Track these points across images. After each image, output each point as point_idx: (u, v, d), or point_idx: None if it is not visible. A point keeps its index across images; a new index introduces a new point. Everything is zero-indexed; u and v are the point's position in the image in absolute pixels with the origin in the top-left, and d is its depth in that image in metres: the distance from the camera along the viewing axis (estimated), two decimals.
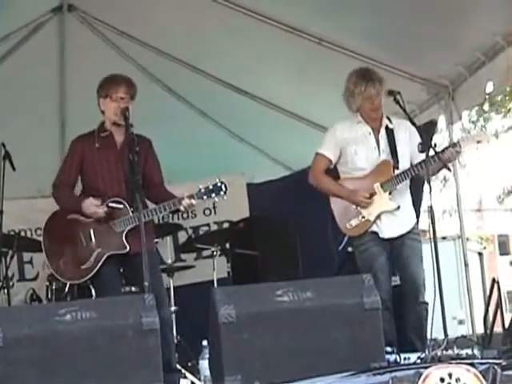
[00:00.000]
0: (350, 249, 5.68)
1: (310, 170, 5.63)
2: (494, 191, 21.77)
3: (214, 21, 6.58)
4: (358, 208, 5.40)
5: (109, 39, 7.18)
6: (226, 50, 6.92)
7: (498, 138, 16.62)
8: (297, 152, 8.06)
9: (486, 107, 15.48)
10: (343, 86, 5.51)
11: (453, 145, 5.32)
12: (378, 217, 5.39)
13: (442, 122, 6.94)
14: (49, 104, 7.70)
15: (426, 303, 5.27)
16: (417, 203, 6.19)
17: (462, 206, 7.14)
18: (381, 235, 5.40)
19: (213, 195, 5.19)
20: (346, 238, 5.51)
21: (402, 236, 5.40)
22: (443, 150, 5.21)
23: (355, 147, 5.46)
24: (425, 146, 5.02)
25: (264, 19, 6.35)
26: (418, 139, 5.22)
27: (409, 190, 5.56)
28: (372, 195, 5.40)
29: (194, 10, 6.51)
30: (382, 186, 5.39)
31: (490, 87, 6.12)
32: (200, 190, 5.20)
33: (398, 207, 5.40)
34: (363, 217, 5.40)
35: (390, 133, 5.48)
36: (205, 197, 5.20)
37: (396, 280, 5.56)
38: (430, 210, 4.86)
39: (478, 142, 5.40)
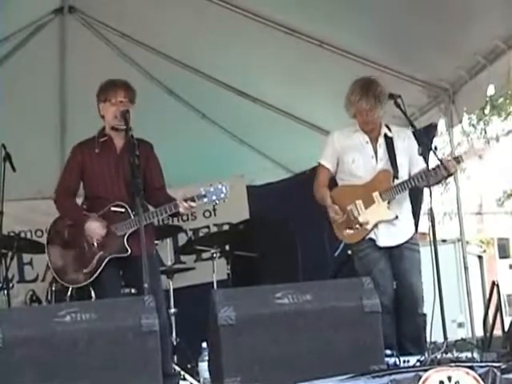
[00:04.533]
0: (349, 251, 5.67)
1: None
2: (494, 194, 21.76)
3: (215, 23, 6.58)
4: (356, 216, 5.39)
5: (110, 41, 7.18)
6: (226, 52, 6.92)
7: (498, 142, 16.62)
8: (297, 155, 8.06)
9: (487, 110, 15.48)
10: (344, 88, 5.51)
11: (455, 158, 5.31)
12: (376, 226, 5.38)
13: (442, 125, 6.94)
14: (49, 105, 7.69)
15: (425, 315, 5.25)
16: (417, 207, 6.19)
17: (462, 209, 7.13)
18: (378, 243, 5.38)
19: (214, 197, 5.20)
20: (341, 245, 5.50)
21: (399, 246, 5.39)
22: (444, 164, 5.17)
23: (352, 156, 5.45)
24: (424, 149, 5.01)
25: (265, 22, 6.34)
26: (416, 148, 5.24)
27: (408, 200, 5.54)
28: (370, 204, 5.37)
29: (196, 12, 6.51)
30: (380, 195, 5.38)
31: (491, 90, 6.12)
32: (201, 192, 5.21)
33: (396, 217, 5.38)
34: (360, 225, 5.38)
35: (389, 141, 5.46)
36: (205, 199, 5.20)
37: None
38: (430, 212, 4.85)
39: (480, 156, 5.40)
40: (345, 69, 6.23)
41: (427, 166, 5.00)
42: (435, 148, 5.17)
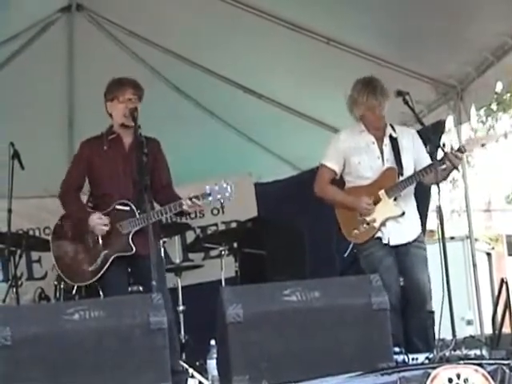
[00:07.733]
0: (355, 250, 5.66)
1: (315, 182, 5.61)
2: (502, 191, 21.70)
3: (222, 20, 6.58)
4: (363, 215, 5.38)
5: (117, 39, 7.18)
6: (233, 49, 6.92)
7: (506, 138, 16.55)
8: (305, 152, 8.05)
9: (493, 107, 15.43)
10: (351, 85, 5.50)
11: (457, 149, 5.30)
12: (383, 223, 5.36)
13: (450, 122, 6.93)
14: (57, 103, 7.70)
15: (432, 312, 5.24)
16: (424, 204, 6.17)
17: (471, 206, 7.12)
18: (384, 242, 5.36)
19: (219, 196, 5.21)
20: (351, 246, 5.48)
21: (406, 244, 5.38)
22: (446, 156, 5.16)
23: (359, 157, 5.44)
24: (433, 146, 5.01)
25: (272, 19, 6.34)
26: (422, 146, 5.23)
27: (414, 198, 5.53)
28: (377, 202, 5.37)
29: (203, 9, 6.51)
30: (386, 193, 5.37)
31: (499, 87, 6.11)
32: (206, 190, 5.22)
33: (403, 213, 5.37)
34: (368, 224, 5.37)
35: (394, 141, 5.45)
36: (210, 198, 5.22)
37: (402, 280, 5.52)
38: (439, 210, 4.84)
39: (483, 145, 5.39)
40: (352, 66, 6.22)
41: (433, 162, 5.00)
42: (443, 145, 5.15)
